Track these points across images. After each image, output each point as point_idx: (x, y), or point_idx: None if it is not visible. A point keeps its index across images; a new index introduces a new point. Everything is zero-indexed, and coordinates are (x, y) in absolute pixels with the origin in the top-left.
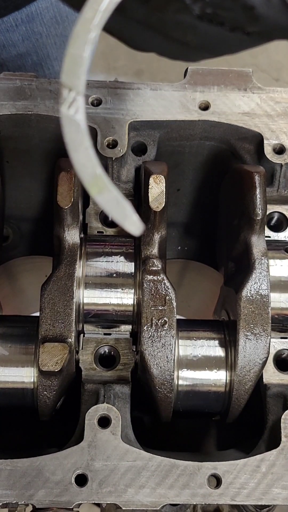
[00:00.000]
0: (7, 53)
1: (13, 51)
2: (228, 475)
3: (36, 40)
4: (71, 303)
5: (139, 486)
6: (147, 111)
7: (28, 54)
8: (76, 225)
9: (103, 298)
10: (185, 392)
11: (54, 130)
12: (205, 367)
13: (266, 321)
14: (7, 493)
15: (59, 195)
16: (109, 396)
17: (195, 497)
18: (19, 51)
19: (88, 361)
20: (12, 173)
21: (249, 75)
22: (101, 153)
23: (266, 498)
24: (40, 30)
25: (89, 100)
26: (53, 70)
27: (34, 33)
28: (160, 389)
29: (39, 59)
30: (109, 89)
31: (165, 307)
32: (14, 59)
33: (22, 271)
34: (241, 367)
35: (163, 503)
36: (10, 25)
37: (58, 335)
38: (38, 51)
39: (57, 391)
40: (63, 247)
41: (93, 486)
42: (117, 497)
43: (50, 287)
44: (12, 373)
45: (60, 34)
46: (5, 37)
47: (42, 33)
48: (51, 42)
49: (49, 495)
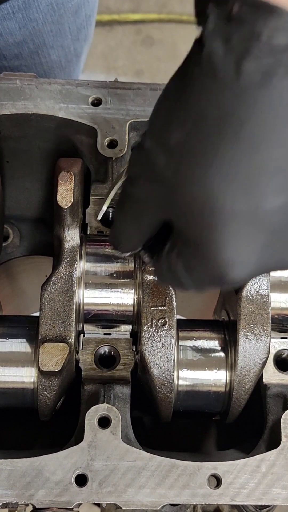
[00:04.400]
0: (4, 41)
1: (10, 39)
2: (228, 475)
3: (32, 27)
4: (71, 303)
5: (139, 486)
6: (147, 111)
7: (25, 42)
8: (76, 225)
9: (103, 298)
10: (185, 392)
11: (54, 130)
12: (205, 367)
13: (266, 321)
14: (7, 493)
15: (59, 195)
16: (109, 396)
17: (195, 497)
18: (16, 39)
19: (88, 361)
20: (12, 173)
21: None
22: (101, 153)
23: (266, 498)
24: (36, 17)
25: (89, 100)
26: (49, 58)
27: (30, 21)
28: (160, 389)
29: (35, 47)
30: (109, 89)
31: (165, 307)
32: (11, 47)
33: (22, 271)
34: (241, 367)
35: (163, 503)
36: (7, 12)
37: (58, 335)
38: (35, 38)
39: (57, 391)
40: (63, 247)
41: (93, 486)
42: (117, 497)
43: (50, 287)
44: (12, 373)
45: (56, 21)
46: (2, 25)
47: (38, 20)
48: (47, 29)
49: (49, 495)
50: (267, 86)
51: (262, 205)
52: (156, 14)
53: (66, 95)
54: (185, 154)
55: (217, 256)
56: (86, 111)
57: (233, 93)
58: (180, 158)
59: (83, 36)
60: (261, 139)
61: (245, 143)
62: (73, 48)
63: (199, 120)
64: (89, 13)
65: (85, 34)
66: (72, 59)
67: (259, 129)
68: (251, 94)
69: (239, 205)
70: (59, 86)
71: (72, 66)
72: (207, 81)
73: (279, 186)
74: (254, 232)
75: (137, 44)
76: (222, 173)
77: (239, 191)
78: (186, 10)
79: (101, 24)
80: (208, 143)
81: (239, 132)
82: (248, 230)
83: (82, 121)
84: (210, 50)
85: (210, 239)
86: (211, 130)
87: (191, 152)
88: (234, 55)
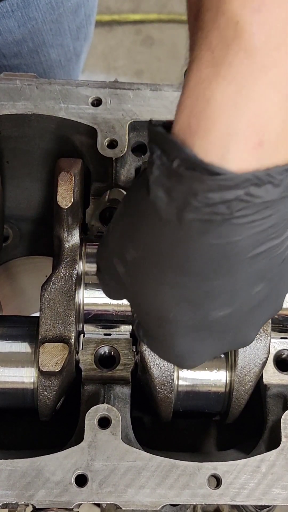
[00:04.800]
0: (3, 39)
1: (9, 38)
2: (228, 475)
3: (32, 26)
4: (71, 303)
5: (139, 486)
6: (147, 111)
7: (24, 40)
8: (76, 225)
9: (103, 299)
10: (185, 392)
11: (54, 130)
12: (205, 368)
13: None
14: (7, 493)
15: (59, 195)
16: (109, 397)
17: (195, 497)
18: (16, 38)
19: (88, 361)
20: (12, 173)
21: None
22: (101, 153)
23: (266, 499)
24: (35, 15)
25: (89, 100)
26: (49, 57)
27: (29, 19)
28: (160, 389)
29: (35, 45)
30: (109, 89)
31: None
32: (11, 46)
33: (22, 271)
34: (241, 367)
35: (163, 503)
36: (6, 10)
37: (58, 335)
38: (34, 37)
39: (57, 391)
40: (63, 247)
41: (93, 486)
42: (117, 497)
43: (50, 287)
44: (12, 373)
45: (55, 20)
46: (1, 23)
47: (38, 19)
48: (46, 28)
49: (49, 495)
50: (206, 232)
51: (208, 317)
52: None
53: (66, 95)
54: (140, 271)
55: (170, 352)
56: (86, 111)
57: (176, 236)
58: (135, 273)
59: (82, 35)
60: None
61: (190, 275)
62: (73, 47)
63: (149, 249)
64: (88, 12)
65: (85, 33)
66: (71, 58)
67: (202, 266)
68: (192, 238)
69: (187, 317)
70: (59, 86)
71: (71, 65)
72: (153, 220)
73: (223, 303)
74: (202, 334)
75: (137, 44)
76: (170, 294)
77: (186, 308)
78: (186, 10)
79: (101, 24)
80: (158, 268)
81: (184, 266)
82: (196, 333)
83: (82, 121)
84: (155, 196)
85: (164, 338)
86: (160, 259)
87: (145, 271)
88: (176, 205)
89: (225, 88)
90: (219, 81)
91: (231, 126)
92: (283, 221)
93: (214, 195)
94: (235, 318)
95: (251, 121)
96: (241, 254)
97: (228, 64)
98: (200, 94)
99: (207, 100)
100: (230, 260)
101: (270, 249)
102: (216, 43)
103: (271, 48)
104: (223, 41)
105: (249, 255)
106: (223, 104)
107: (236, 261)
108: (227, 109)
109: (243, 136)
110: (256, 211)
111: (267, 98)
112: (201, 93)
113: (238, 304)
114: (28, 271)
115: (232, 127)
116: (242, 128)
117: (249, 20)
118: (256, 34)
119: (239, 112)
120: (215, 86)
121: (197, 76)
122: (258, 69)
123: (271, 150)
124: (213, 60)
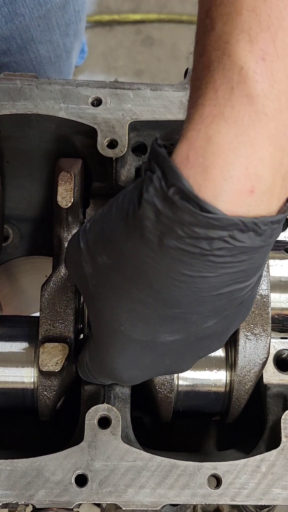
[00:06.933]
0: None
1: None
2: (228, 475)
3: (19, 22)
4: (71, 303)
5: (139, 486)
6: (147, 111)
7: (13, 37)
8: (76, 225)
9: None
10: (185, 392)
11: (54, 130)
12: (205, 367)
13: (266, 321)
14: (7, 493)
15: (59, 195)
16: (109, 397)
17: (195, 497)
18: (3, 34)
19: None
20: (12, 173)
21: None
22: (101, 153)
23: (266, 498)
24: (22, 11)
25: (89, 100)
26: (38, 54)
27: (17, 15)
28: (160, 389)
29: (23, 42)
30: (109, 89)
31: None
32: None
33: (22, 271)
34: (241, 367)
35: (163, 503)
36: None
37: (58, 335)
38: (22, 33)
39: (57, 391)
40: (63, 247)
41: (93, 486)
42: (117, 497)
43: (50, 287)
44: (12, 373)
45: (43, 16)
46: None
47: (25, 15)
48: (34, 24)
49: (49, 495)
50: (181, 262)
51: (157, 339)
52: (156, 14)
53: (66, 95)
54: (106, 276)
55: (110, 364)
56: (86, 111)
57: (152, 257)
58: (101, 277)
59: (72, 31)
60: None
61: (153, 297)
62: (62, 43)
63: (122, 261)
64: (78, 8)
65: (75, 30)
66: (61, 54)
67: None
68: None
69: (137, 334)
70: (59, 86)
71: (62, 62)
72: (135, 235)
73: (175, 330)
74: (146, 353)
75: (137, 44)
76: (129, 307)
77: (139, 326)
78: (186, 10)
79: (101, 24)
80: (125, 280)
81: (150, 287)
82: (140, 352)
83: (82, 121)
84: (143, 214)
85: (108, 347)
86: (130, 273)
87: (112, 280)
88: (161, 228)
89: (226, 130)
90: (220, 122)
91: (228, 169)
92: (253, 269)
93: (200, 230)
94: (182, 345)
95: (247, 167)
96: (207, 290)
97: (231, 107)
98: (202, 130)
99: (208, 138)
100: (195, 293)
101: (234, 291)
102: (220, 83)
103: (273, 97)
104: (227, 82)
105: (214, 293)
106: (222, 146)
107: (200, 296)
108: (225, 151)
109: (237, 181)
110: (234, 254)
111: (263, 147)
112: (203, 129)
113: (188, 333)
114: (28, 271)
115: (229, 170)
116: (237, 172)
117: (253, 67)
118: (260, 82)
119: (237, 157)
120: (216, 126)
121: (202, 111)
122: (258, 118)
123: (260, 199)
124: (216, 99)
